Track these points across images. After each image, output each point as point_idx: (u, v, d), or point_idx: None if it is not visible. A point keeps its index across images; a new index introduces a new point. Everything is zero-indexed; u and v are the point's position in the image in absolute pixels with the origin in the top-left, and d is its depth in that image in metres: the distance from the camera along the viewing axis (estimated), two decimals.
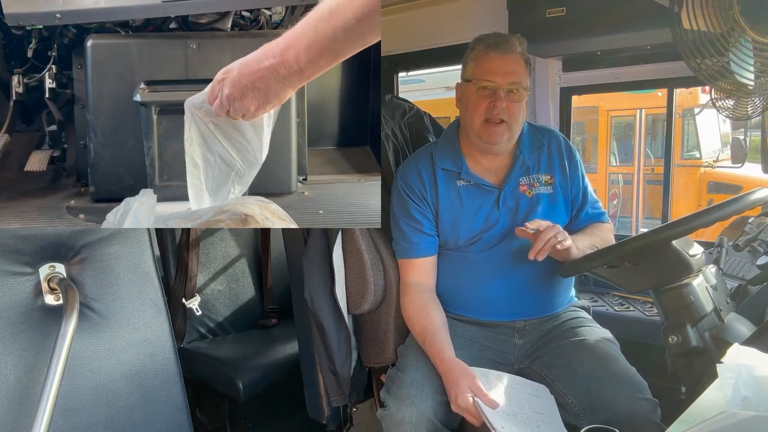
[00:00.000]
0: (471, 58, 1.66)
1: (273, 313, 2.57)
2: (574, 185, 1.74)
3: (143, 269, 1.42)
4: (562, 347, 1.61)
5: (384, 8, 1.56)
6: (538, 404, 1.49)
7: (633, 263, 1.49)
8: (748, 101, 1.82)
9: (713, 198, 5.85)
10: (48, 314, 1.27)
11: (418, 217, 1.69)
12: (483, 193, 1.70)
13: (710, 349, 1.44)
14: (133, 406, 1.35)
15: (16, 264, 1.27)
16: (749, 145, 3.15)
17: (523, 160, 1.71)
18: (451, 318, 1.69)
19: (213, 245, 2.51)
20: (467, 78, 1.66)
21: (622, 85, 2.48)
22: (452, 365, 1.51)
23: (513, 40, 1.63)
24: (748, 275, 1.81)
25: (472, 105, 1.64)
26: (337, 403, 1.82)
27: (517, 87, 1.60)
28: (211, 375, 2.24)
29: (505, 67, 1.60)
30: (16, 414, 1.20)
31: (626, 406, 1.41)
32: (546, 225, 1.55)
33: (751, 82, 1.54)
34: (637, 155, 6.68)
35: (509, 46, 1.61)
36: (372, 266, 1.72)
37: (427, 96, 5.06)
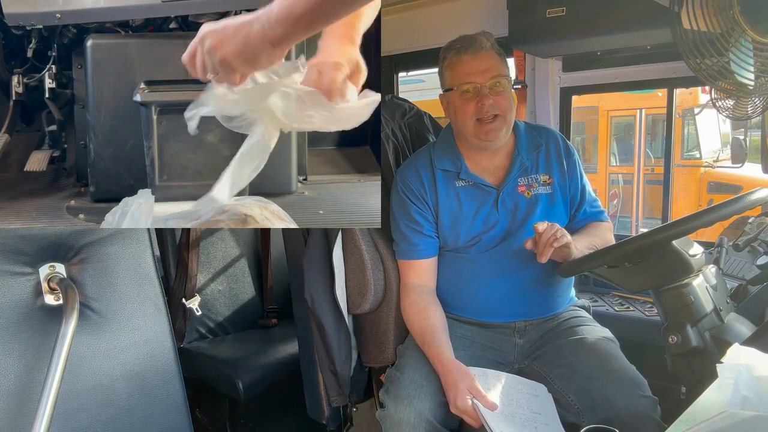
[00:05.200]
0: (445, 66, 1.67)
1: (273, 313, 2.57)
2: (573, 184, 1.74)
3: (143, 269, 1.42)
4: (562, 346, 1.61)
5: (384, 8, 1.56)
6: (536, 404, 1.49)
7: (633, 263, 1.49)
8: (748, 101, 1.81)
9: (713, 198, 5.85)
10: (48, 314, 1.27)
11: (418, 218, 1.69)
12: (482, 194, 1.70)
13: (710, 349, 1.44)
14: (133, 406, 1.35)
15: (16, 264, 1.27)
16: (749, 145, 3.15)
17: (521, 161, 1.71)
18: (451, 319, 1.69)
19: (213, 245, 2.51)
20: (448, 87, 1.67)
21: (622, 85, 2.48)
22: (451, 367, 1.51)
23: (480, 37, 1.63)
24: (748, 275, 1.81)
25: (460, 110, 1.64)
26: (337, 403, 1.82)
27: (498, 80, 1.61)
28: (211, 375, 2.24)
29: (480, 65, 1.61)
30: (16, 414, 1.20)
31: (626, 404, 1.41)
32: (543, 227, 1.54)
33: (751, 82, 1.54)
34: (637, 155, 6.68)
35: (478, 45, 1.62)
36: (372, 266, 1.72)
37: (427, 96, 5.05)
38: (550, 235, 1.52)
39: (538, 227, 1.54)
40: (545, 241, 1.52)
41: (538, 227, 1.54)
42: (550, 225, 1.55)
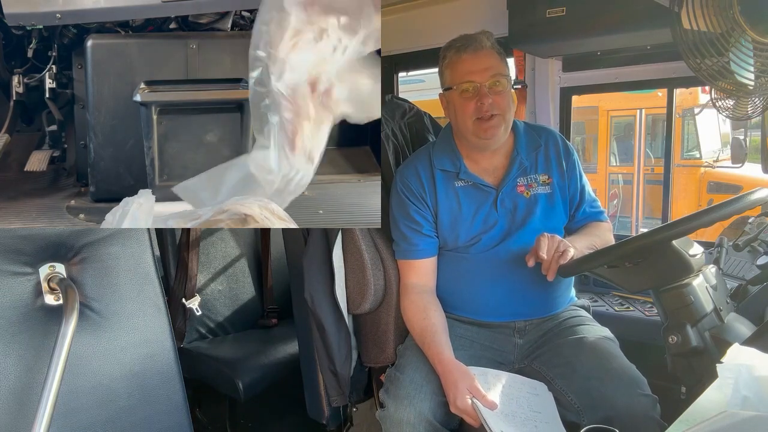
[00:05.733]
0: (445, 66, 1.67)
1: (273, 313, 2.58)
2: (572, 184, 1.74)
3: (143, 269, 1.42)
4: (562, 346, 1.61)
5: (384, 8, 1.56)
6: (536, 403, 1.49)
7: (633, 263, 1.49)
8: (748, 101, 1.81)
9: (713, 198, 5.85)
10: (48, 314, 1.27)
11: (418, 218, 1.69)
12: (481, 194, 1.70)
13: (710, 349, 1.44)
14: (133, 406, 1.35)
15: (16, 264, 1.26)
16: (749, 145, 3.15)
17: (520, 161, 1.70)
18: (451, 319, 1.69)
19: (213, 245, 2.51)
20: (448, 86, 1.67)
21: (622, 85, 2.48)
22: (451, 367, 1.51)
23: (480, 36, 1.63)
24: (748, 275, 1.81)
25: (460, 109, 1.64)
26: (337, 403, 1.82)
27: (497, 79, 1.61)
28: (211, 375, 2.24)
29: (480, 63, 1.61)
30: (16, 414, 1.20)
31: (626, 402, 1.41)
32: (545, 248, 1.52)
33: (751, 82, 1.54)
34: (637, 155, 6.68)
35: (478, 44, 1.62)
36: (372, 266, 1.72)
37: (427, 96, 5.05)
38: (554, 253, 1.52)
39: (540, 248, 1.52)
40: (550, 259, 1.52)
41: (540, 248, 1.52)
42: (551, 240, 1.54)
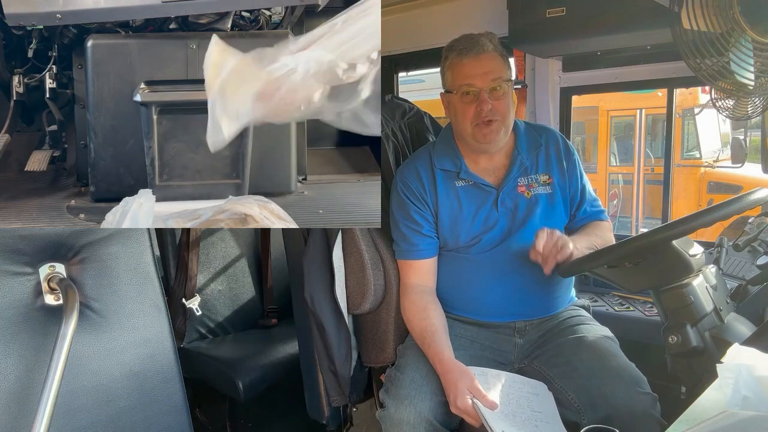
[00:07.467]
0: (447, 67, 1.66)
1: (273, 313, 2.58)
2: (573, 184, 1.74)
3: (143, 269, 1.42)
4: (562, 345, 1.61)
5: (384, 8, 1.56)
6: (537, 402, 1.49)
7: (633, 263, 1.49)
8: (748, 101, 1.81)
9: (713, 198, 5.85)
10: (48, 314, 1.27)
11: (418, 218, 1.69)
12: (481, 194, 1.69)
13: (710, 349, 1.44)
14: (133, 406, 1.35)
15: (16, 264, 1.27)
16: (749, 145, 3.14)
17: (521, 161, 1.70)
18: (451, 319, 1.69)
19: (213, 245, 2.51)
20: (448, 89, 1.66)
21: (622, 85, 2.48)
22: (451, 367, 1.51)
23: (482, 39, 1.62)
24: (748, 275, 1.81)
25: (459, 112, 1.64)
26: (337, 403, 1.82)
27: (498, 84, 1.60)
28: (211, 375, 2.24)
29: (482, 68, 1.60)
30: (16, 414, 1.20)
31: (626, 400, 1.42)
32: (543, 242, 1.54)
33: (751, 82, 1.54)
34: (637, 155, 6.68)
35: (480, 47, 1.61)
36: (372, 266, 1.72)
37: (427, 96, 5.05)
38: (551, 248, 1.52)
39: (537, 242, 1.53)
40: (547, 254, 1.52)
41: (537, 242, 1.53)
42: (550, 235, 1.54)
